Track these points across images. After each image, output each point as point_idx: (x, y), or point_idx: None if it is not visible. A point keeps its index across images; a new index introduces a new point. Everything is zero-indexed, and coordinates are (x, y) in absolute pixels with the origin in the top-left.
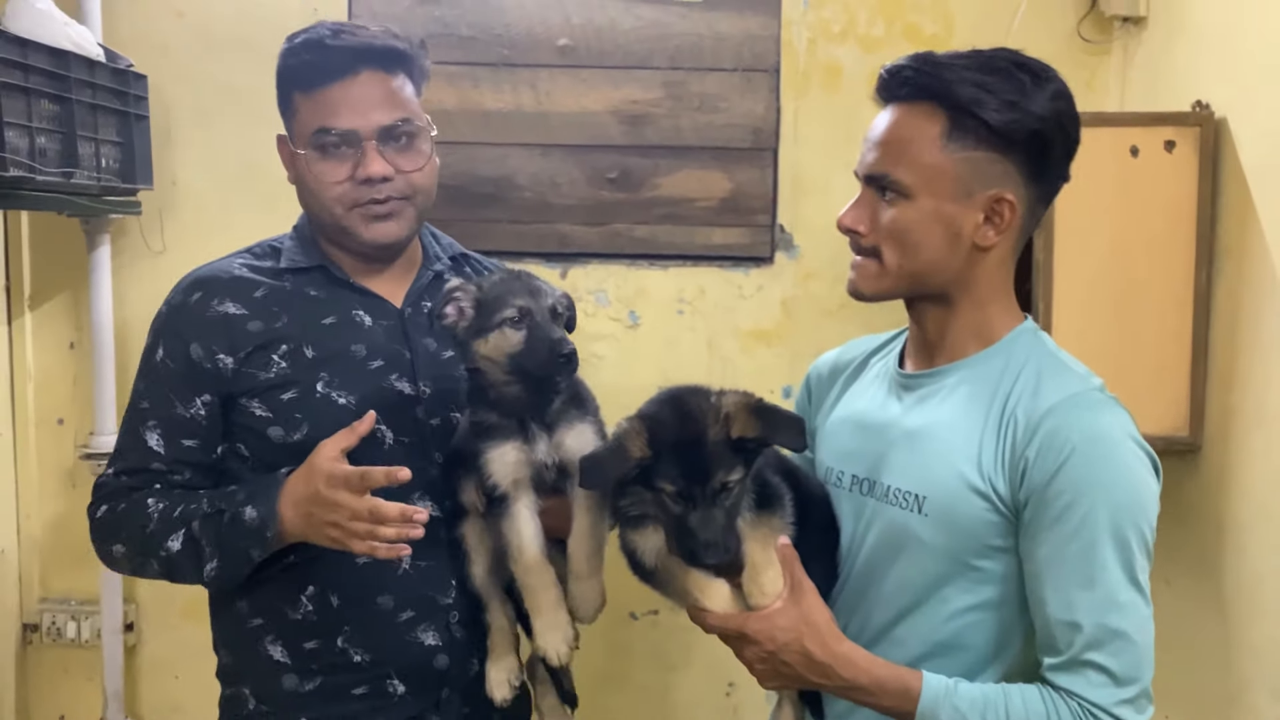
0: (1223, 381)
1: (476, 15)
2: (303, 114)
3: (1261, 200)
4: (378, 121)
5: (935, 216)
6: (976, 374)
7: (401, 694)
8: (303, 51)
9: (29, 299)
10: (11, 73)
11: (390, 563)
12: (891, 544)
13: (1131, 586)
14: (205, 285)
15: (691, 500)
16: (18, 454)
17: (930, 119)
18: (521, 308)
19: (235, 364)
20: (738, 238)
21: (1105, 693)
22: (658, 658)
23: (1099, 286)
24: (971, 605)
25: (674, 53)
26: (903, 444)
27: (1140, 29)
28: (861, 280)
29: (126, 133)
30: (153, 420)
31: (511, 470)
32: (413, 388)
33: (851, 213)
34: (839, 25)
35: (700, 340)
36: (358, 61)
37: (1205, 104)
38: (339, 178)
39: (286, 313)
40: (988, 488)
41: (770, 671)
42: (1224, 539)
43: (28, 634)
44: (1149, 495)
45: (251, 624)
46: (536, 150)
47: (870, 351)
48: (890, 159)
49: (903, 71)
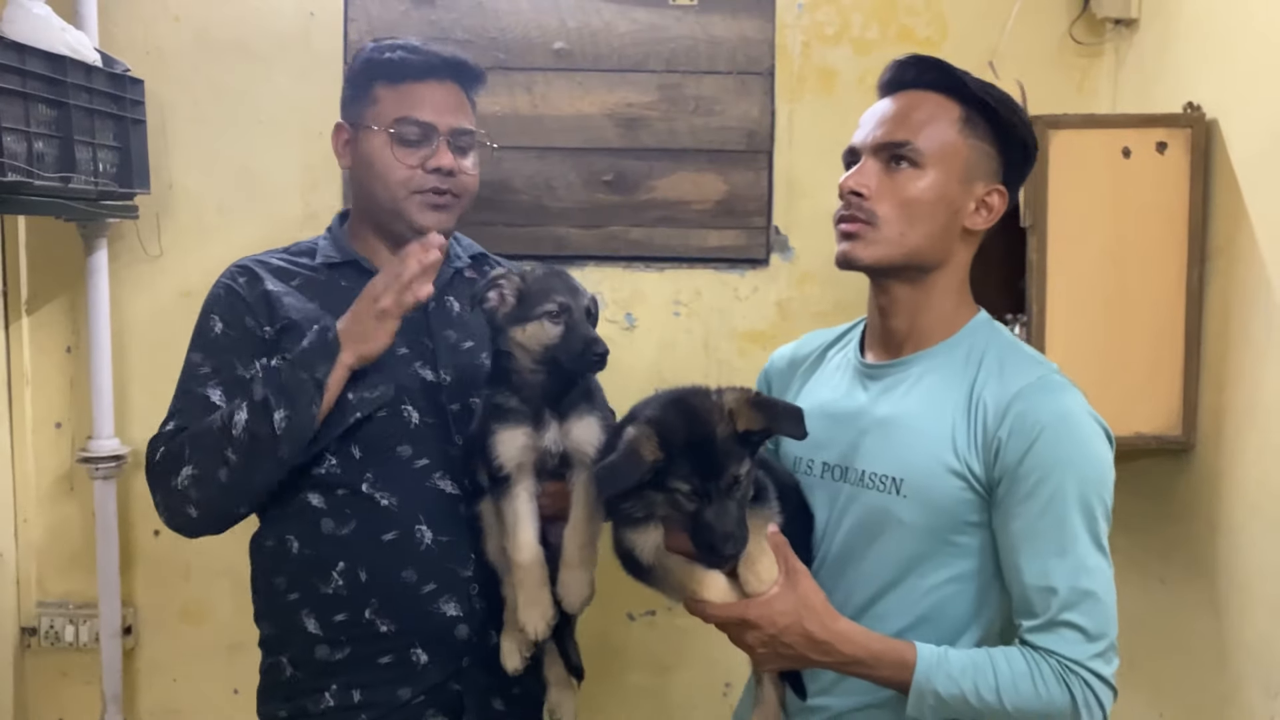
0: (1215, 381)
1: (472, 19)
2: (386, 102)
3: (1253, 201)
4: (453, 123)
5: (942, 191)
6: (942, 362)
7: (425, 663)
8: (397, 50)
9: (26, 303)
10: (9, 78)
11: (413, 538)
12: (871, 525)
13: (1098, 551)
14: (249, 270)
15: (706, 496)
16: (15, 458)
17: (948, 105)
18: (562, 303)
19: (275, 334)
20: (733, 240)
21: (1080, 648)
22: (654, 659)
23: (1092, 287)
24: (949, 578)
25: (669, 56)
26: (875, 431)
27: (1132, 31)
28: (858, 247)
29: (123, 137)
30: (214, 381)
31: (517, 454)
32: (435, 375)
33: (856, 176)
34: (833, 28)
35: (696, 342)
36: (445, 70)
37: (1196, 105)
38: (411, 163)
39: (319, 299)
40: (963, 468)
41: (772, 654)
42: (1217, 537)
43: (26, 637)
44: (1107, 467)
45: (290, 598)
46: (532, 153)
47: (826, 345)
48: (910, 129)
49: (924, 61)
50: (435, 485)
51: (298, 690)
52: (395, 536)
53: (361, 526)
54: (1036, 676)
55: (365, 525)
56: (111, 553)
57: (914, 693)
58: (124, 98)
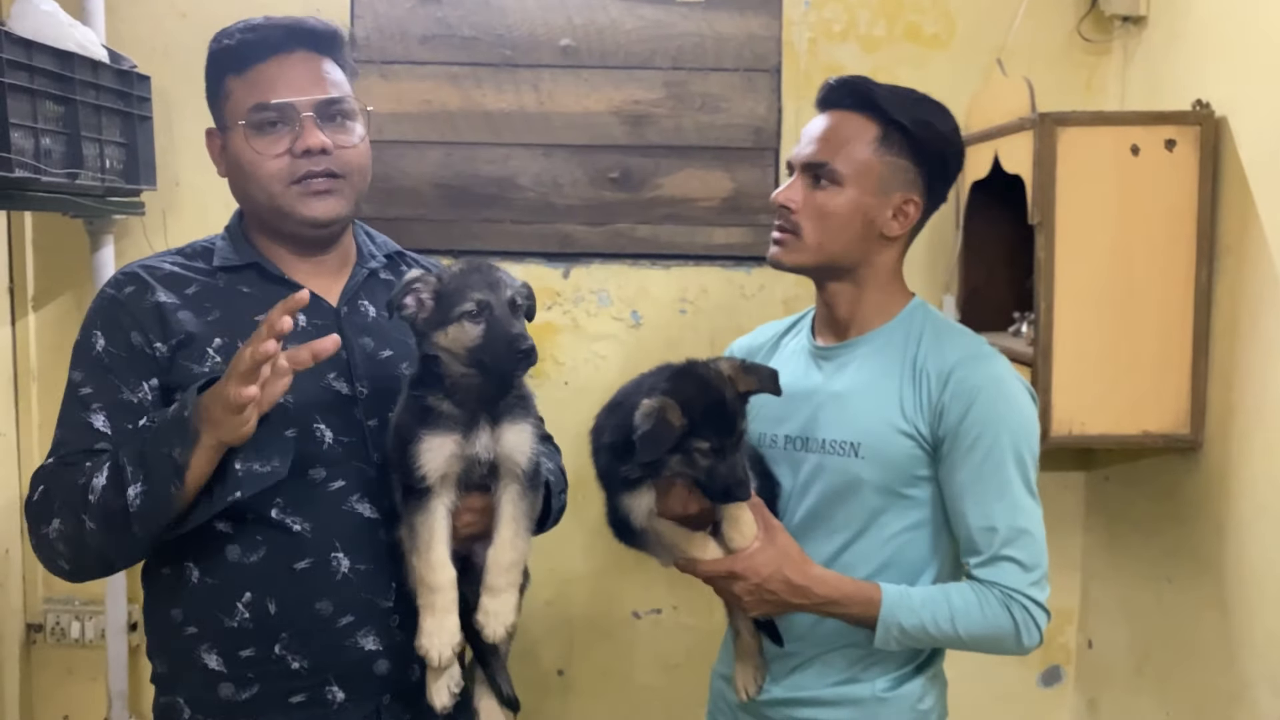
0: (1223, 379)
1: (479, 16)
2: (237, 94)
3: (1262, 198)
4: (314, 96)
5: (857, 205)
6: (885, 342)
7: (341, 701)
8: (236, 34)
9: (33, 299)
10: (17, 74)
11: (329, 567)
12: (836, 486)
13: (1029, 495)
14: (137, 279)
15: (722, 452)
16: (21, 454)
17: (867, 125)
18: (480, 301)
19: (169, 353)
20: (739, 237)
21: (1019, 578)
22: (659, 656)
23: (1100, 285)
24: (905, 527)
25: (676, 53)
26: (831, 404)
27: (1140, 28)
28: (783, 253)
29: (130, 133)
30: (96, 404)
31: (443, 464)
32: (350, 388)
33: (786, 192)
34: (840, 25)
35: (702, 339)
36: (292, 40)
37: (1205, 103)
38: (276, 151)
39: (219, 309)
40: (912, 429)
41: (757, 601)
42: (1225, 536)
43: (32, 634)
44: (1034, 422)
45: (186, 632)
46: (539, 150)
47: (780, 333)
48: (830, 151)
49: (848, 84)
50: (353, 509)
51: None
52: (309, 565)
53: (271, 554)
54: (984, 605)
55: (275, 553)
56: None
57: (881, 625)
58: (131, 94)
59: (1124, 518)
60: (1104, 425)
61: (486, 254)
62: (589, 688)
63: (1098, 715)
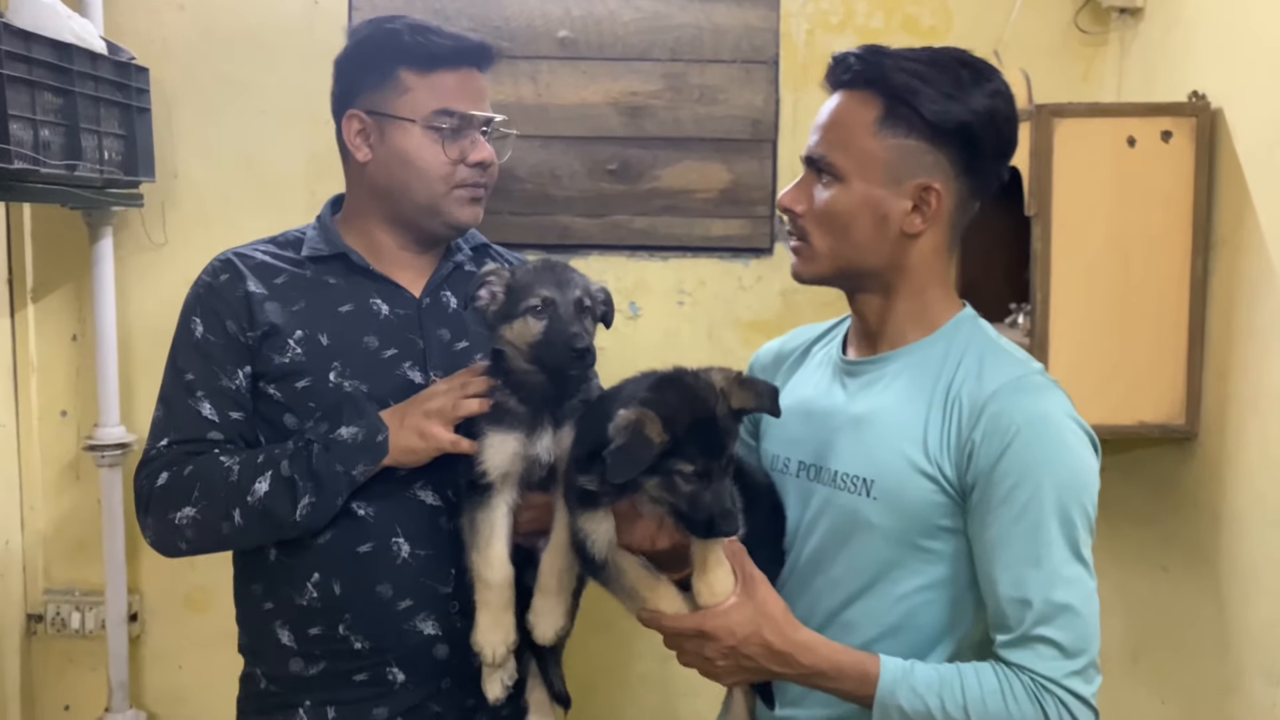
0: (1219, 369)
1: (476, 7)
2: (419, 91)
3: (1257, 190)
4: (488, 113)
5: (864, 200)
6: (918, 360)
7: (402, 682)
8: (422, 32)
9: (32, 291)
10: (15, 65)
11: (389, 550)
12: (841, 528)
13: (1076, 561)
14: (231, 267)
15: (708, 476)
16: (21, 446)
17: (867, 105)
18: (546, 298)
19: (255, 342)
20: (737, 229)
21: (1055, 665)
22: (657, 648)
23: (1096, 276)
24: (920, 586)
25: (673, 45)
26: (848, 429)
27: (1137, 20)
28: (800, 265)
29: (129, 125)
30: (201, 392)
31: (505, 462)
32: (424, 377)
33: (791, 193)
34: (837, 17)
35: (700, 331)
36: (475, 56)
37: (1201, 94)
38: (452, 158)
39: (304, 299)
40: (934, 470)
41: (733, 667)
42: (1220, 526)
43: (32, 625)
44: (1090, 473)
45: (265, 607)
46: (536, 142)
47: (812, 340)
48: (827, 142)
49: (847, 59)
50: (416, 496)
51: (271, 704)
52: (370, 549)
53: (337, 537)
54: (1008, 694)
55: (341, 536)
56: (117, 540)
57: (877, 707)
58: (129, 86)
59: (1119, 508)
60: (1100, 415)
61: None
62: (587, 677)
63: None
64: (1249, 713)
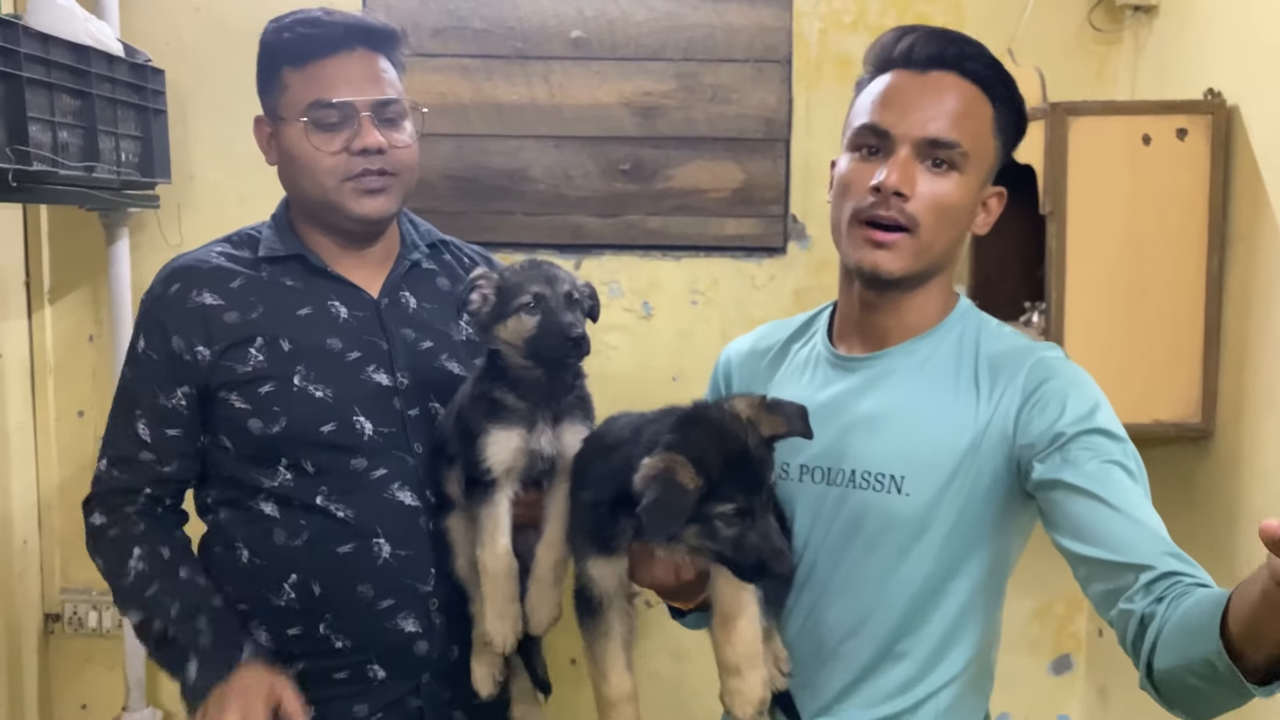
0: (1235, 367)
1: (489, 8)
2: (295, 88)
3: (1273, 187)
4: (372, 96)
5: (974, 196)
6: (936, 350)
7: (382, 679)
8: (296, 27)
9: (49, 292)
10: (34, 68)
11: (370, 552)
12: (867, 529)
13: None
14: (183, 275)
15: (751, 514)
16: (39, 446)
17: (983, 102)
18: (537, 294)
19: (212, 356)
20: (750, 228)
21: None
22: (670, 647)
23: (1112, 274)
24: (962, 586)
25: (686, 44)
26: (863, 427)
27: (1151, 17)
28: (893, 258)
29: (145, 127)
30: (139, 409)
31: (509, 458)
32: (390, 379)
33: (898, 174)
34: (850, 16)
35: (714, 331)
36: (351, 38)
37: (1217, 92)
38: (333, 149)
39: (263, 304)
40: (982, 454)
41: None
42: (1236, 525)
43: (50, 624)
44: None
45: (239, 609)
46: (550, 142)
47: (787, 337)
48: (959, 128)
49: (968, 45)
50: (394, 497)
51: None
52: (351, 550)
53: (315, 539)
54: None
55: (319, 537)
56: None
57: None
58: (146, 88)
59: None
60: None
61: (498, 246)
62: None
63: (1108, 703)
64: (1268, 714)
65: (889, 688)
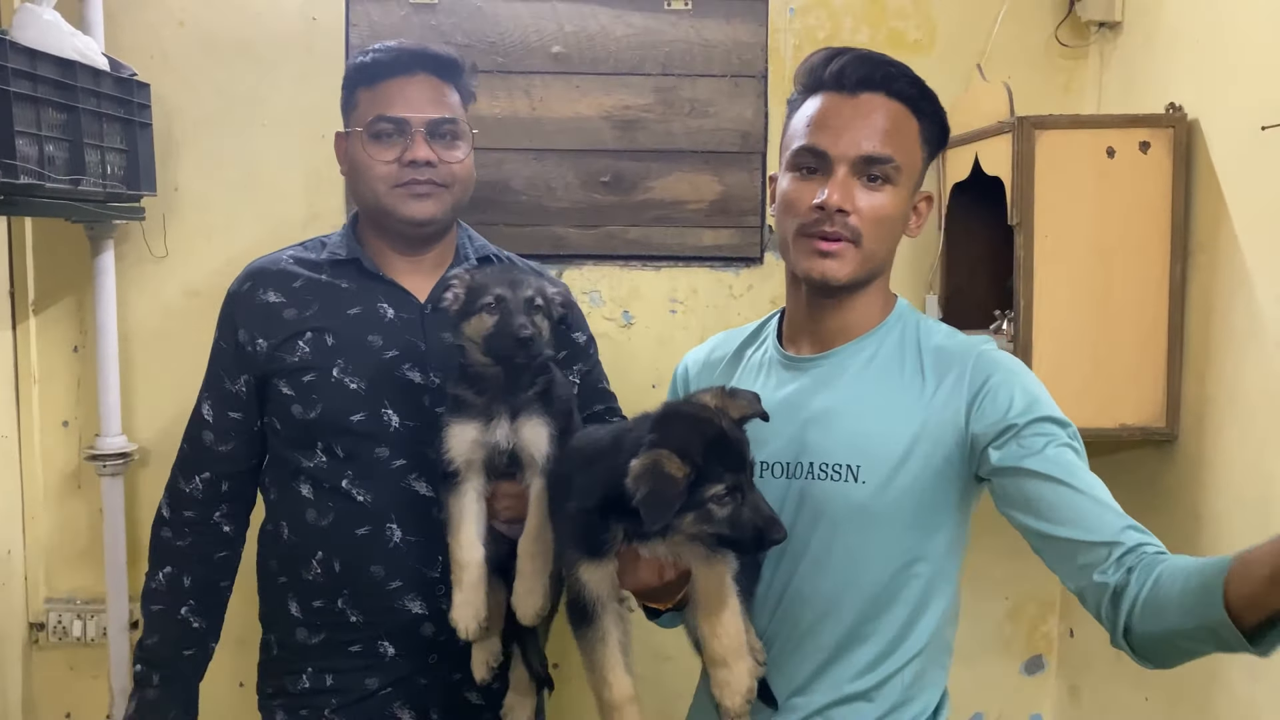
0: (1198, 373)
1: (471, 24)
2: (363, 105)
3: (1232, 198)
4: (428, 114)
5: (906, 205)
6: (880, 347)
7: (392, 655)
8: (371, 53)
9: (33, 303)
10: (20, 82)
11: (383, 534)
12: (831, 517)
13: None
14: (256, 276)
15: (740, 491)
16: (23, 456)
17: (909, 118)
18: (498, 295)
19: (269, 348)
20: (728, 239)
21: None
22: (652, 648)
23: (1078, 282)
24: (921, 562)
25: (664, 60)
26: (818, 422)
27: (1116, 34)
28: (839, 266)
29: (131, 140)
30: (208, 393)
31: (466, 450)
32: (423, 378)
33: (840, 193)
34: (824, 32)
35: (693, 338)
36: (415, 64)
37: (1178, 106)
38: (387, 159)
39: (318, 302)
40: (931, 440)
41: None
42: (1200, 527)
43: (34, 633)
44: None
45: (279, 581)
46: (531, 155)
47: (740, 344)
48: (890, 144)
49: (894, 67)
50: (411, 486)
51: (281, 669)
52: (367, 532)
53: (338, 520)
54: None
55: (342, 519)
56: (118, 549)
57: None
58: (131, 101)
59: None
60: (1082, 419)
61: None
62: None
63: (1079, 701)
64: (1230, 707)
65: (858, 666)
